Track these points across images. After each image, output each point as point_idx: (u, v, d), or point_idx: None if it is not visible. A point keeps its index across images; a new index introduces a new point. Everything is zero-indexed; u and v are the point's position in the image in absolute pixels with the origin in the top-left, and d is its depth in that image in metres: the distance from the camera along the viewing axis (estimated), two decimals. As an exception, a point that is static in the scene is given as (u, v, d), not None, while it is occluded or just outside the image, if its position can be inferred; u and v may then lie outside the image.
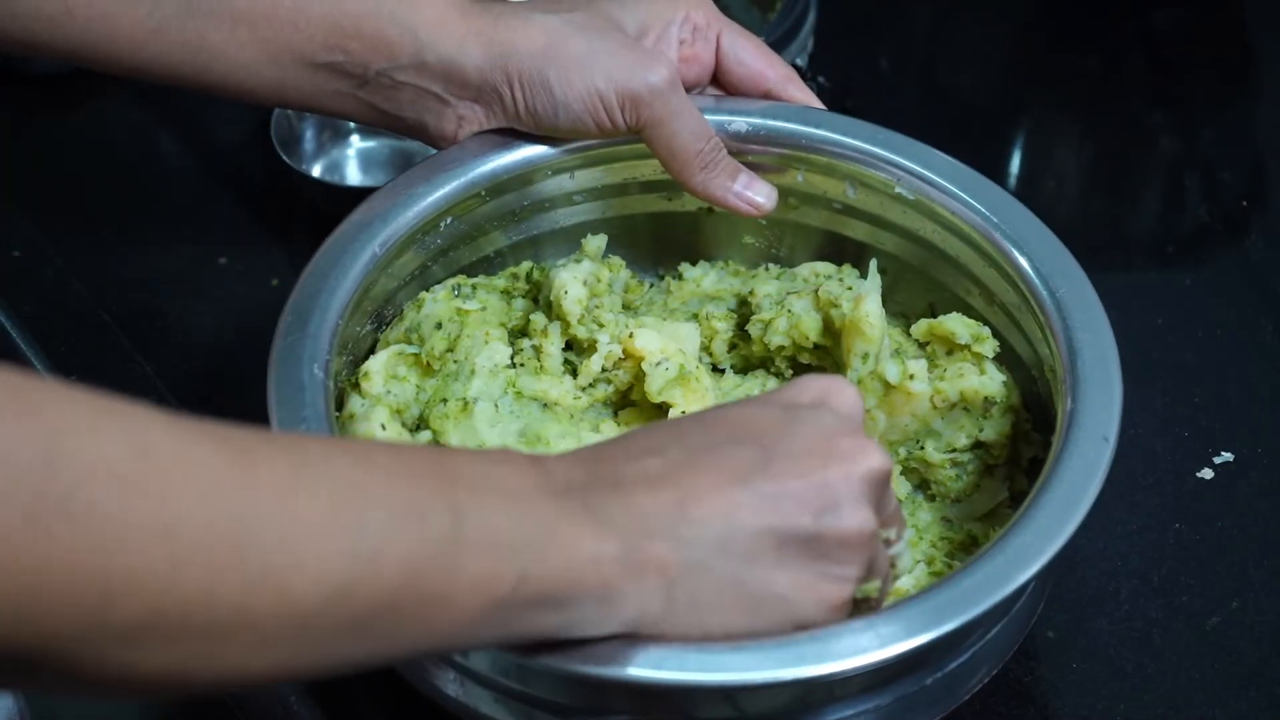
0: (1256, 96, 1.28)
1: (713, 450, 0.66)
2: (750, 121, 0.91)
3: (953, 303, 0.92)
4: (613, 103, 0.86)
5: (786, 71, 0.92)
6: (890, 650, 0.69)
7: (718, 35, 0.90)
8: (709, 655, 0.69)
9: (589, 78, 0.85)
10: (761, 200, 0.90)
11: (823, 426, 0.67)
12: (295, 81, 0.86)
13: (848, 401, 0.70)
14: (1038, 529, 0.74)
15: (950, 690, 0.78)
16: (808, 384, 0.70)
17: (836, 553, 0.66)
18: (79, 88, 1.20)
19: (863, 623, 0.70)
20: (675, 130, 0.87)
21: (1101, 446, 0.77)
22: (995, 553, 0.73)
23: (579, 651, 0.67)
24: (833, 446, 0.66)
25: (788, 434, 0.67)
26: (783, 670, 0.68)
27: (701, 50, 0.90)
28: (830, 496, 0.66)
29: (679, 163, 0.88)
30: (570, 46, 0.85)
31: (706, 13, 0.90)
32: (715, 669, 0.68)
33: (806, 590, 0.66)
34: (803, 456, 0.66)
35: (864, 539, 0.67)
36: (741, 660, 0.69)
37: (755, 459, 0.66)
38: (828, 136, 0.91)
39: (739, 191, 0.89)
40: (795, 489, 0.65)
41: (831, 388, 0.70)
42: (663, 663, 0.68)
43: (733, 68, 0.91)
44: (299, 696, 0.84)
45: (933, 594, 0.71)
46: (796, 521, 0.65)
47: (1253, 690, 0.86)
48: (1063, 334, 0.82)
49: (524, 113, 0.87)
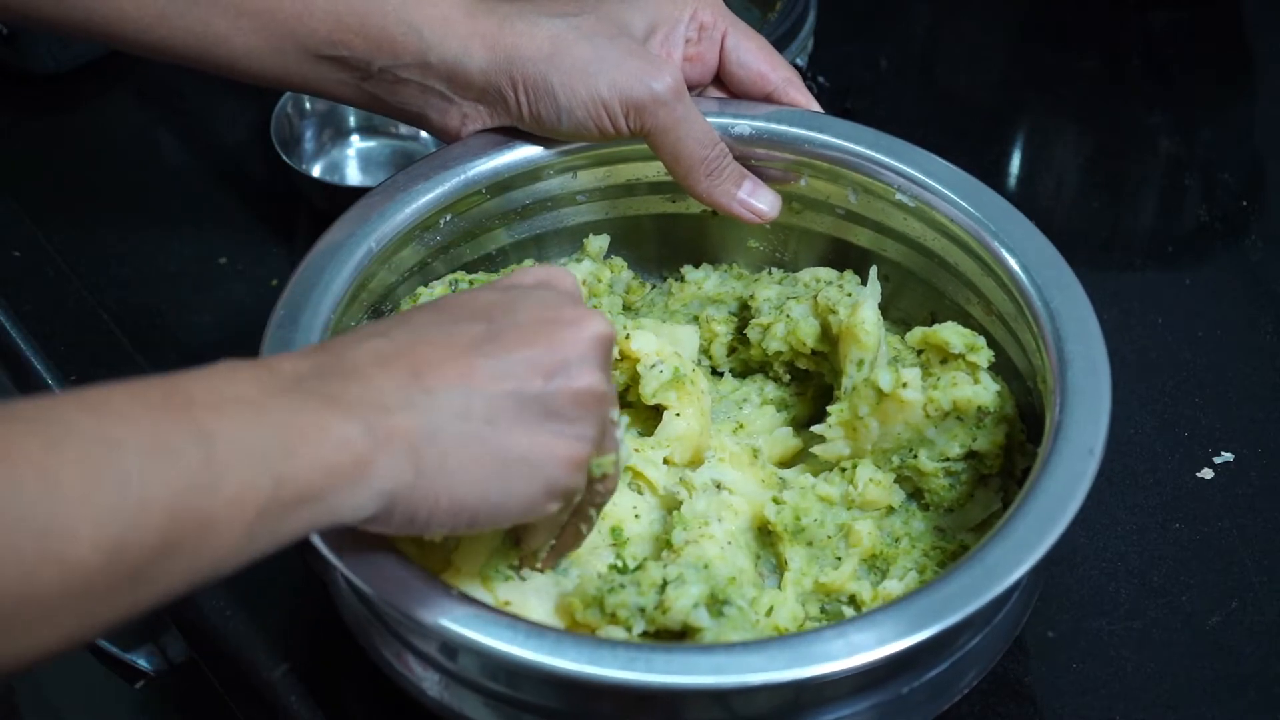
0: (1256, 97, 1.28)
1: (440, 326, 0.69)
2: (754, 125, 0.91)
3: (953, 311, 0.91)
4: (616, 110, 0.86)
5: (788, 74, 0.92)
6: (863, 657, 0.70)
7: (723, 35, 0.90)
8: (699, 658, 0.69)
9: (593, 84, 0.85)
10: (764, 208, 0.90)
11: (546, 301, 0.71)
12: (299, 70, 0.87)
13: (567, 282, 0.74)
14: (1016, 541, 0.73)
15: (939, 692, 0.79)
16: (528, 270, 0.75)
17: (571, 411, 0.69)
18: (80, 88, 1.20)
19: (842, 628, 0.70)
20: (680, 137, 0.87)
21: (1086, 459, 0.76)
22: (974, 562, 0.73)
23: (570, 656, 0.68)
24: (559, 315, 0.70)
25: (514, 309, 0.70)
26: (771, 673, 0.69)
27: (706, 50, 0.90)
28: (560, 359, 0.69)
29: (684, 169, 0.88)
30: (575, 52, 0.85)
31: (714, 11, 0.90)
32: (705, 672, 0.69)
33: (547, 449, 0.69)
34: (531, 325, 0.69)
35: (596, 397, 0.70)
36: (731, 663, 0.69)
37: (485, 332, 0.69)
38: (830, 141, 0.91)
39: (743, 199, 0.90)
40: (527, 355, 0.69)
41: (552, 272, 0.74)
42: (653, 666, 0.69)
43: (734, 69, 0.91)
44: (299, 697, 0.84)
45: (909, 602, 0.72)
46: (530, 384, 0.68)
47: (1252, 690, 0.86)
48: (1054, 345, 0.81)
49: (528, 116, 0.87)
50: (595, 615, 0.78)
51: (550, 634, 0.71)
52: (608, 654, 0.70)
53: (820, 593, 0.84)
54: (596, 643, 0.71)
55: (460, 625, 0.71)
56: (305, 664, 0.86)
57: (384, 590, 0.72)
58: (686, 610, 0.76)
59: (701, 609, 0.77)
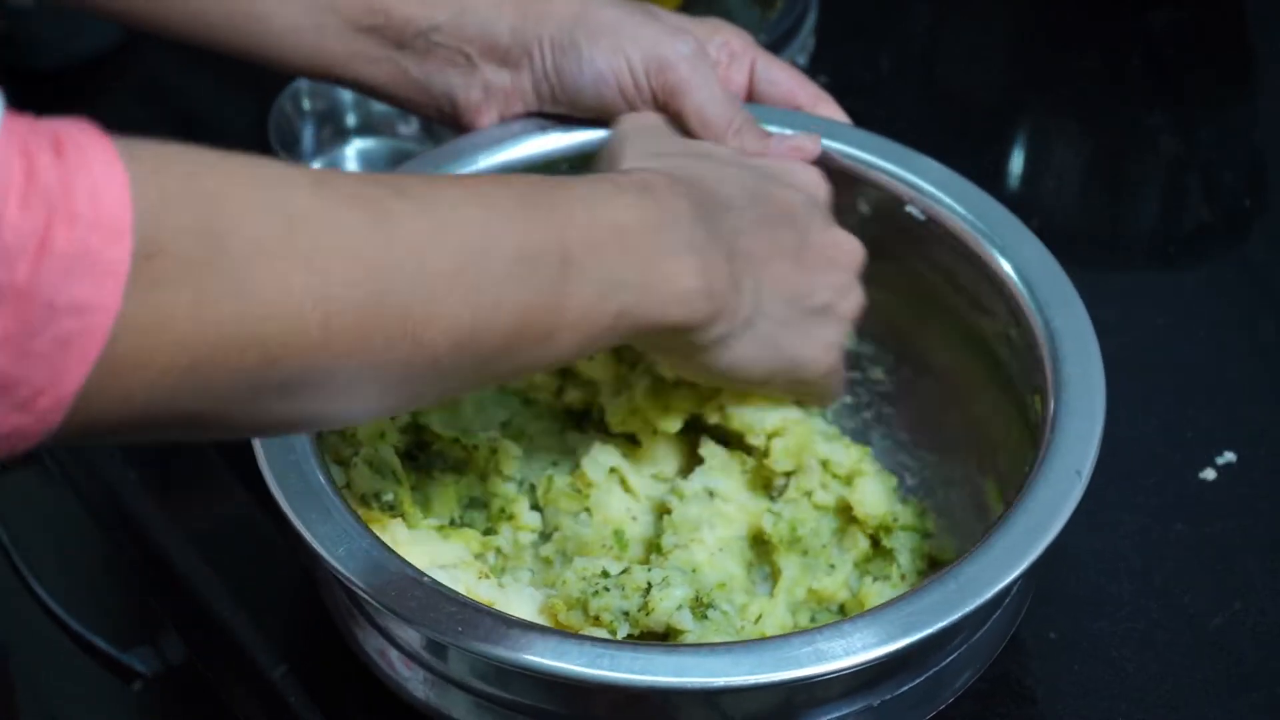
0: (1256, 96, 1.28)
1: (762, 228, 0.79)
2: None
3: (947, 319, 0.91)
4: (639, 67, 0.86)
5: (818, 92, 0.92)
6: (832, 665, 0.69)
7: (751, 61, 0.91)
8: (690, 659, 0.69)
9: (617, 41, 0.86)
10: (807, 144, 0.88)
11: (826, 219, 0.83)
12: (336, 46, 0.87)
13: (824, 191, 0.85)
14: (992, 559, 0.73)
15: (932, 694, 0.78)
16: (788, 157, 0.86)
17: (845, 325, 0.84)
18: (79, 86, 1.20)
19: (805, 637, 0.70)
20: (705, 97, 0.87)
21: (1072, 480, 0.76)
22: (947, 579, 0.72)
23: (561, 656, 0.68)
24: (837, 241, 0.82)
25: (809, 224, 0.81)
26: (763, 674, 0.69)
27: (735, 73, 0.91)
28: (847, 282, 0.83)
29: (712, 132, 0.87)
30: (603, 15, 0.87)
31: (744, 41, 0.91)
32: (696, 672, 0.69)
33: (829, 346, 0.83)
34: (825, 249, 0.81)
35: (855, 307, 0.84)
36: (722, 664, 0.69)
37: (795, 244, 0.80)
38: (835, 148, 0.90)
39: (776, 145, 0.87)
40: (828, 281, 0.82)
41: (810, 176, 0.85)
42: (644, 667, 0.69)
43: (765, 88, 0.91)
44: (298, 697, 0.84)
45: (901, 604, 0.71)
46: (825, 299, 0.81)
47: (1254, 691, 0.86)
48: (1051, 364, 0.81)
49: (551, 74, 0.88)
50: (579, 618, 0.77)
51: (533, 630, 0.71)
52: (601, 656, 0.70)
53: (812, 600, 0.84)
54: (578, 640, 0.71)
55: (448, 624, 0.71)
56: (305, 664, 0.85)
57: (371, 583, 0.72)
58: (670, 612, 0.76)
59: (685, 611, 0.77)
